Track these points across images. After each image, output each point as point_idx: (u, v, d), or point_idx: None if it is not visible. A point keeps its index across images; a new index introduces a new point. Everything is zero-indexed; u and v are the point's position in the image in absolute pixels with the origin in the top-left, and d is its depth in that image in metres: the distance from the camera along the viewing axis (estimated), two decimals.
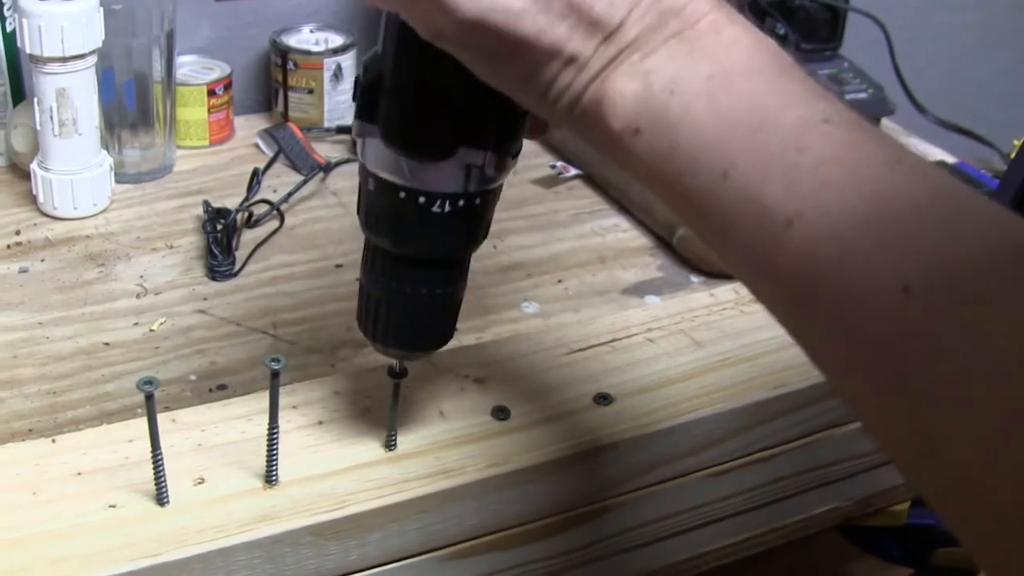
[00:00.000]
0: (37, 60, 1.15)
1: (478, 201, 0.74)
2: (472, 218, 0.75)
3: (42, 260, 1.15)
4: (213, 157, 1.37)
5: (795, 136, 0.57)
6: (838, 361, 0.56)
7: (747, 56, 0.60)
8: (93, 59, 1.17)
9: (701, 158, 0.59)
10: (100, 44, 1.17)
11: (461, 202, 0.73)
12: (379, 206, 0.74)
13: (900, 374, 0.51)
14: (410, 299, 0.78)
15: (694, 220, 0.62)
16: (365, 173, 0.74)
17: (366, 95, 0.71)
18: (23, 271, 1.13)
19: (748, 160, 0.58)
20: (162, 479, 0.78)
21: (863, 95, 1.46)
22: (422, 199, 0.72)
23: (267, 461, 0.80)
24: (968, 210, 0.54)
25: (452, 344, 0.83)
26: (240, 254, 1.16)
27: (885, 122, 1.49)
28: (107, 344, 1.02)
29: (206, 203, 1.23)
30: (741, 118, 0.58)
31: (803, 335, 0.59)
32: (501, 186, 0.76)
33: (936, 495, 0.52)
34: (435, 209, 0.72)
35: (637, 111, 0.61)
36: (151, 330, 1.05)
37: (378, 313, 0.79)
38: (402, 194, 0.72)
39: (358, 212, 0.77)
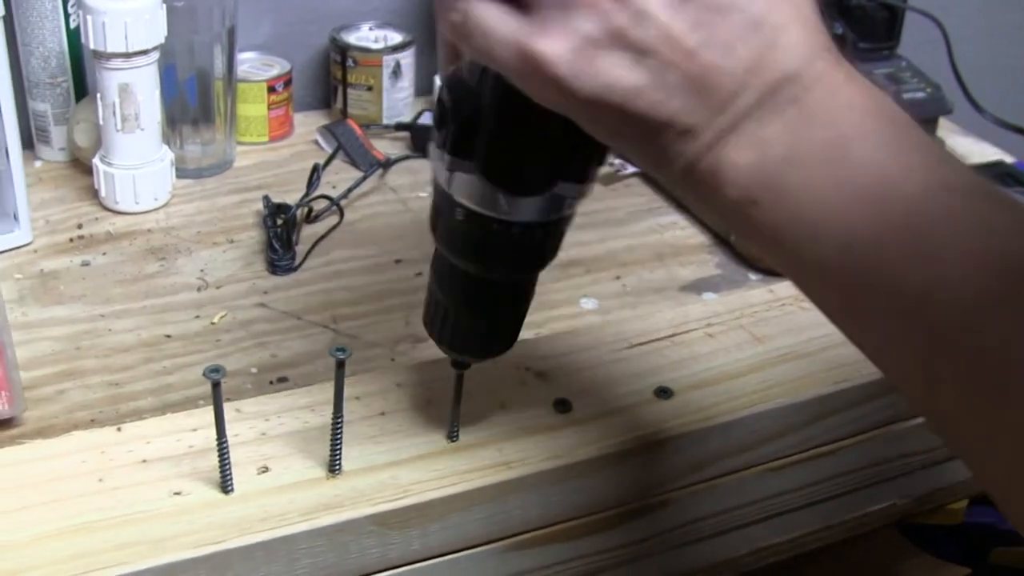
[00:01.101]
0: (100, 56, 1.16)
1: (562, 224, 0.74)
2: (555, 238, 0.75)
3: (104, 254, 1.16)
4: (273, 153, 1.38)
5: (918, 205, 0.55)
6: (982, 433, 0.55)
7: (865, 120, 0.58)
8: (156, 55, 1.18)
9: (822, 230, 0.57)
10: (163, 40, 1.18)
11: (551, 227, 0.73)
12: (466, 235, 0.73)
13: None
14: (481, 314, 0.79)
15: (815, 292, 0.62)
16: (451, 203, 0.72)
17: (462, 133, 0.69)
18: (85, 264, 1.14)
19: (871, 231, 0.56)
20: (227, 467, 0.78)
21: (920, 94, 1.46)
22: (515, 230, 0.71)
23: (331, 450, 0.81)
24: None
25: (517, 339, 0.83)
26: (300, 249, 1.17)
27: (943, 121, 1.49)
28: (168, 336, 1.03)
29: (266, 198, 1.23)
30: (862, 187, 0.57)
31: (934, 410, 0.58)
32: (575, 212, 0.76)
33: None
34: (526, 238, 0.72)
35: (753, 182, 0.59)
36: (212, 323, 1.05)
37: (447, 322, 0.79)
38: (495, 225, 0.71)
39: (433, 231, 0.76)
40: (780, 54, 0.58)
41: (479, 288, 0.77)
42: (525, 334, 1.00)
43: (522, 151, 0.68)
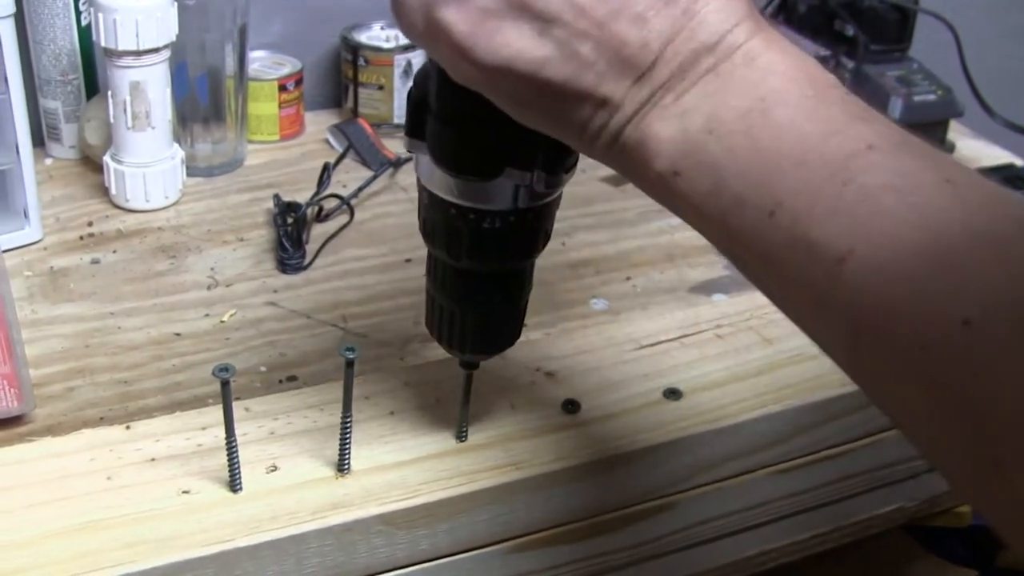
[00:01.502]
0: (112, 54, 1.16)
1: (530, 216, 0.74)
2: (526, 231, 0.75)
3: (114, 251, 1.16)
4: (283, 152, 1.38)
5: (839, 167, 0.55)
6: (898, 399, 0.54)
7: (784, 84, 0.58)
8: (167, 53, 1.19)
9: (745, 197, 0.57)
10: (174, 38, 1.18)
11: (512, 218, 0.73)
12: (434, 219, 0.75)
13: (966, 409, 0.49)
14: (474, 308, 0.79)
15: (743, 259, 0.60)
16: (420, 186, 0.75)
17: (414, 113, 0.71)
18: (95, 262, 1.14)
19: (794, 196, 0.56)
20: (236, 466, 0.79)
21: (931, 97, 1.46)
22: (472, 216, 0.72)
23: (340, 449, 0.81)
24: None
25: (522, 338, 0.83)
26: (310, 248, 1.17)
27: (953, 124, 1.49)
28: (178, 335, 1.03)
29: (276, 197, 1.23)
30: (783, 152, 0.56)
31: (860, 373, 0.56)
32: (559, 196, 0.76)
33: (1001, 518, 0.51)
34: (486, 225, 0.73)
35: (676, 154, 0.59)
36: (222, 321, 1.05)
37: (444, 319, 0.80)
38: (453, 210, 0.73)
39: (421, 228, 0.77)
40: (696, 24, 0.58)
41: (466, 282, 0.77)
42: (534, 335, 1.01)
43: (460, 132, 0.69)
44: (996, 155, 1.47)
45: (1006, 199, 0.53)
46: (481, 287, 0.77)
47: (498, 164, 0.70)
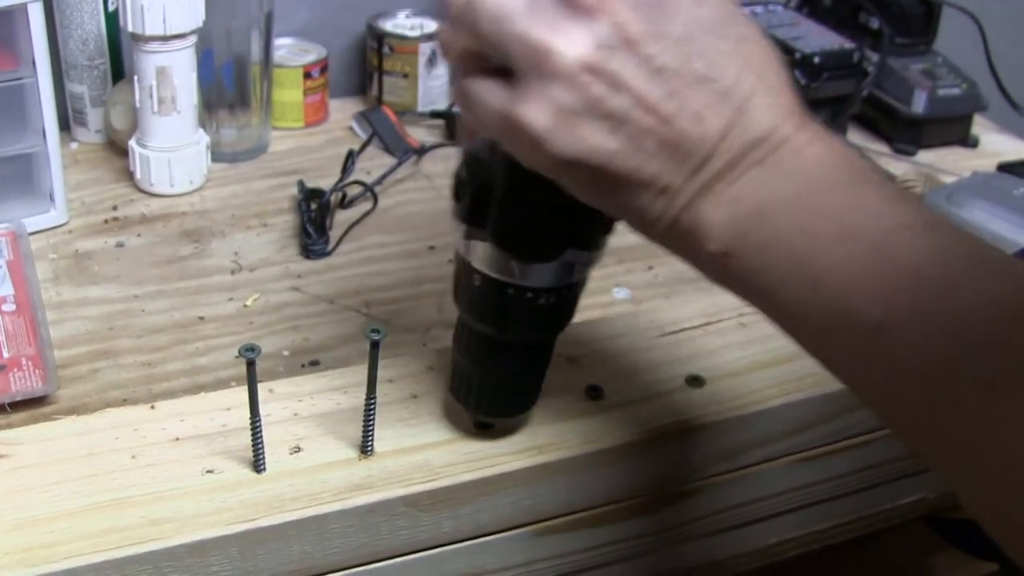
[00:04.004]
0: (139, 39, 1.17)
1: (578, 287, 0.78)
2: (569, 302, 0.78)
3: (138, 235, 1.17)
4: (308, 139, 1.39)
5: (877, 243, 0.60)
6: (936, 454, 0.60)
7: (828, 172, 0.63)
8: (193, 39, 1.19)
9: (791, 275, 0.62)
10: (201, 24, 1.19)
11: (564, 292, 0.76)
12: (485, 300, 0.76)
13: (998, 465, 0.55)
14: (505, 375, 0.81)
15: (791, 331, 0.65)
16: (469, 269, 0.76)
17: (475, 203, 0.72)
18: (120, 245, 1.14)
19: (834, 271, 0.60)
20: (260, 446, 0.79)
21: (956, 91, 1.46)
22: (530, 295, 0.75)
23: (363, 431, 0.81)
24: None
25: None
26: (333, 234, 1.17)
27: (978, 118, 1.48)
28: (201, 318, 1.04)
29: (300, 183, 1.24)
30: (825, 232, 0.61)
31: (902, 431, 0.62)
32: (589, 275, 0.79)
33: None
34: (542, 302, 0.75)
35: (727, 236, 0.64)
36: (245, 306, 1.06)
37: (472, 386, 0.82)
38: (511, 290, 0.75)
39: (456, 298, 0.79)
40: (748, 120, 0.63)
41: (500, 351, 0.79)
42: None
43: (530, 220, 0.72)
44: (1020, 149, 1.47)
45: None
46: (514, 356, 0.80)
47: (563, 247, 0.73)
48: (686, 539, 0.95)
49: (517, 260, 0.73)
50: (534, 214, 0.72)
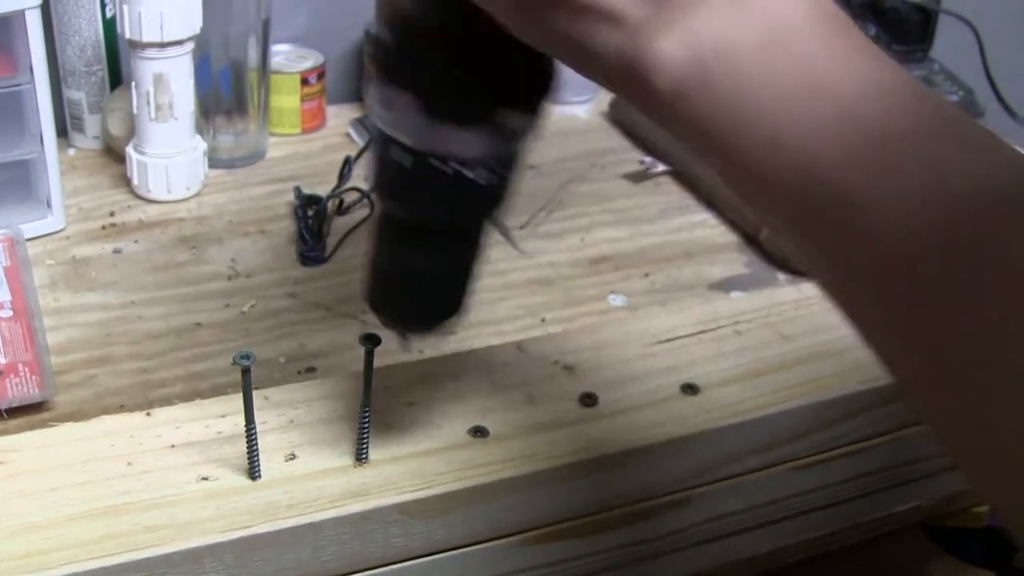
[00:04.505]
0: (136, 45, 1.17)
1: (502, 167, 0.71)
2: (497, 184, 0.71)
3: (136, 241, 1.17)
4: (305, 145, 1.39)
5: (852, 106, 0.53)
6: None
7: (800, 18, 0.56)
8: (191, 45, 1.19)
9: (752, 126, 0.55)
10: (198, 31, 1.19)
11: (486, 168, 0.69)
12: (396, 172, 0.70)
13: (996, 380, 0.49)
14: (422, 271, 0.75)
15: (744, 190, 0.59)
16: (383, 138, 0.69)
17: (396, 57, 0.67)
18: (117, 252, 1.15)
19: (801, 131, 0.54)
20: (255, 453, 0.79)
21: (953, 97, 1.46)
22: (448, 165, 0.68)
23: (358, 439, 0.81)
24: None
25: (541, 332, 0.83)
26: (330, 240, 1.17)
27: None
28: (198, 325, 1.04)
29: (298, 189, 1.24)
30: (795, 83, 0.55)
31: (869, 336, 0.56)
32: (523, 157, 0.72)
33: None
34: (466, 174, 0.69)
35: (680, 75, 0.56)
36: (242, 312, 1.06)
37: (381, 284, 0.77)
38: (432, 160, 0.68)
39: (372, 180, 0.74)
40: None
41: (408, 237, 0.74)
42: (553, 328, 1.02)
43: (448, 70, 0.66)
44: None
45: (1009, 152, 0.53)
46: (431, 245, 0.74)
47: (482, 106, 0.67)
48: (681, 547, 0.96)
49: (432, 119, 0.67)
50: (451, 64, 0.65)
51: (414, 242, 0.74)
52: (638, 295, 1.12)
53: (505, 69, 0.66)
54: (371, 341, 0.78)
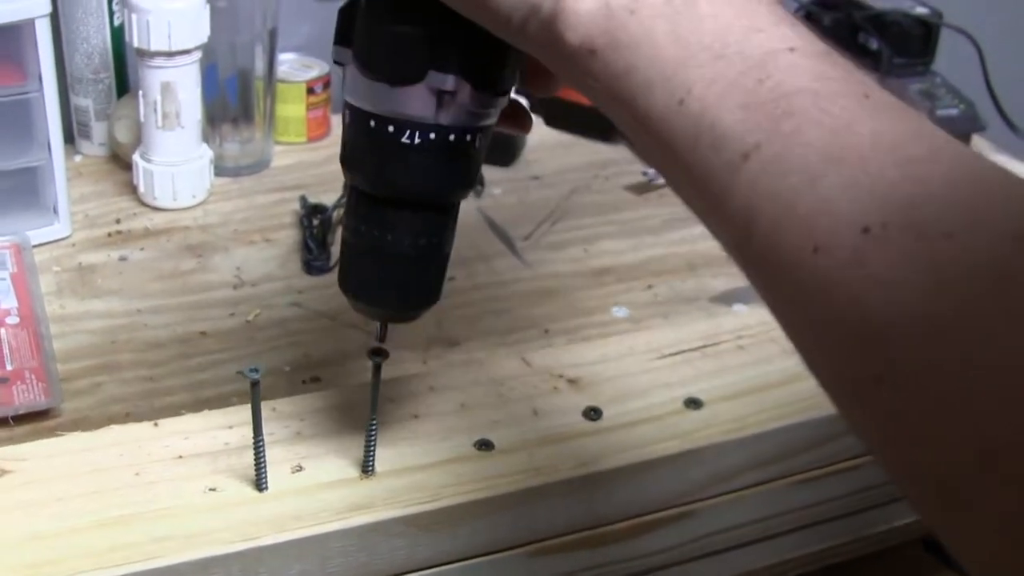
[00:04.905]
0: (144, 54, 1.18)
1: (453, 137, 0.70)
2: (450, 156, 0.71)
3: (141, 249, 1.17)
4: (310, 154, 1.39)
5: (758, 64, 0.54)
6: (784, 300, 0.54)
7: None
8: (198, 54, 1.20)
9: (658, 82, 0.56)
10: (206, 40, 1.19)
11: (433, 135, 0.69)
12: (353, 138, 0.71)
13: (854, 317, 0.48)
14: (389, 247, 0.74)
15: (649, 147, 0.58)
16: (345, 108, 0.71)
17: (342, 18, 0.69)
18: (123, 259, 1.15)
19: (706, 87, 0.54)
20: (262, 465, 0.79)
21: (954, 111, 1.46)
22: (391, 127, 0.69)
23: (365, 451, 0.82)
24: (938, 150, 0.51)
25: (544, 344, 0.83)
26: (335, 250, 1.17)
27: (976, 139, 1.49)
28: (203, 333, 1.04)
29: (303, 198, 1.24)
30: (703, 42, 0.55)
31: (752, 272, 0.56)
32: (489, 129, 0.73)
33: (872, 434, 0.51)
34: (405, 140, 0.69)
35: (593, 29, 0.57)
36: (247, 321, 1.06)
37: (356, 264, 0.76)
38: (372, 122, 0.69)
39: (342, 160, 0.74)
40: None
41: (375, 211, 0.73)
42: (556, 341, 1.02)
43: (382, 25, 0.66)
44: (1018, 170, 1.45)
45: (918, 118, 0.53)
46: (398, 220, 0.73)
47: (418, 64, 0.66)
48: (683, 560, 0.96)
49: (371, 78, 0.67)
50: (384, 18, 0.66)
51: (380, 216, 0.73)
52: (641, 307, 1.12)
53: (439, 29, 0.65)
54: (379, 355, 0.78)
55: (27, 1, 1.06)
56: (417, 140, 0.69)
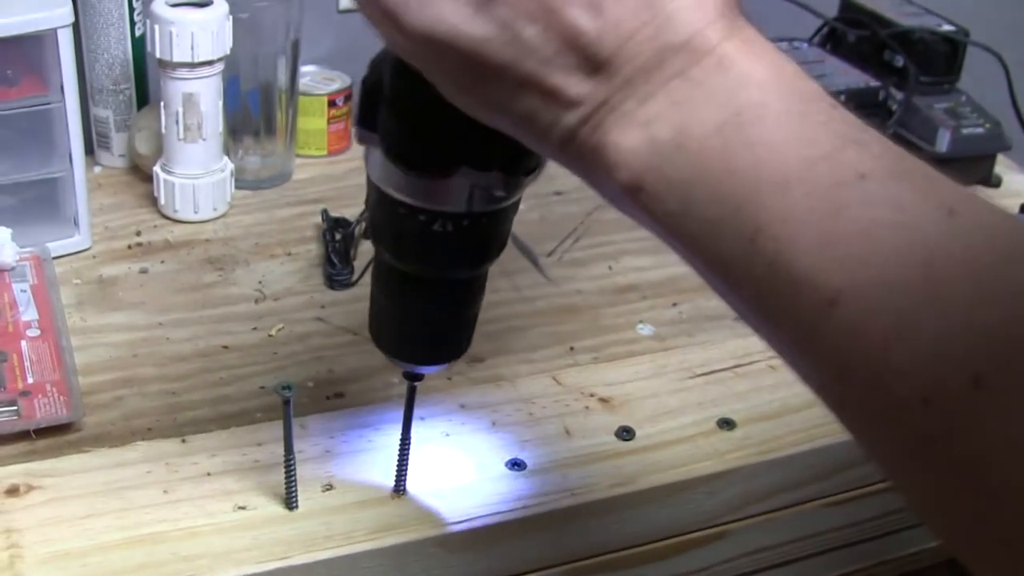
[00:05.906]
0: (166, 65, 1.17)
1: (484, 221, 0.68)
2: (478, 238, 0.70)
3: (162, 262, 1.16)
4: (331, 167, 1.38)
5: (827, 196, 0.49)
6: (893, 454, 0.49)
7: (763, 97, 0.51)
8: (221, 66, 1.19)
9: (723, 221, 0.50)
10: (228, 51, 1.18)
11: (465, 222, 0.67)
12: (381, 218, 0.69)
13: (972, 473, 0.44)
14: (417, 315, 0.74)
15: (720, 285, 0.54)
16: (368, 183, 0.69)
17: (366, 100, 0.65)
18: (143, 272, 1.14)
19: (777, 224, 0.49)
20: (293, 483, 0.79)
21: (980, 130, 1.45)
22: (422, 217, 0.67)
23: (397, 470, 0.81)
24: None
25: (573, 363, 0.82)
26: (358, 264, 1.16)
27: (1001, 157, 1.48)
28: (226, 347, 1.03)
29: (325, 212, 1.23)
30: (762, 177, 0.50)
31: (850, 422, 0.51)
32: (517, 202, 0.70)
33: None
34: (437, 228, 0.67)
35: (639, 167, 0.52)
36: (269, 335, 1.05)
37: (383, 323, 0.76)
38: (402, 210, 0.67)
39: (370, 228, 0.73)
40: (663, 19, 0.51)
41: (403, 282, 0.72)
42: (581, 359, 1.01)
43: (414, 122, 0.63)
44: None
45: (1012, 229, 0.48)
46: (425, 292, 0.72)
47: (453, 162, 0.63)
48: None
49: (404, 172, 0.64)
50: (417, 117, 0.62)
51: (398, 281, 0.73)
52: (666, 325, 1.11)
53: (462, 129, 0.62)
54: (414, 377, 0.77)
55: (49, 11, 1.05)
56: (450, 228, 0.67)
